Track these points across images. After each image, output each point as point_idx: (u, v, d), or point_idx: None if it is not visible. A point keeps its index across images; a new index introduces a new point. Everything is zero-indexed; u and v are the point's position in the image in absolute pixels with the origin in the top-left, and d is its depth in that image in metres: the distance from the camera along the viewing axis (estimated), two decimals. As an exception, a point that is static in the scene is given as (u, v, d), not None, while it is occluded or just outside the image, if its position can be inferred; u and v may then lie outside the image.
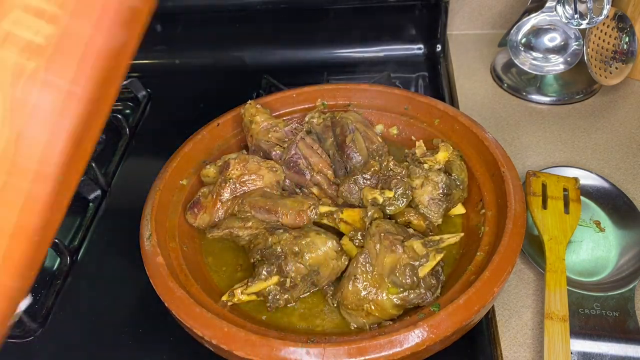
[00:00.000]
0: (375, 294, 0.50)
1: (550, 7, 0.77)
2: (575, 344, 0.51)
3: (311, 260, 0.53)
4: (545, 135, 0.75)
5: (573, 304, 0.54)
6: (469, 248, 0.56)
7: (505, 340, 0.54)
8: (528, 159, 0.72)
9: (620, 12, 0.77)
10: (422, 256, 0.51)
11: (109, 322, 0.59)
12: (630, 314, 0.53)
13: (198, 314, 0.48)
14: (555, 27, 0.79)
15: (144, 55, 0.61)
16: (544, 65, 0.80)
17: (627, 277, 0.57)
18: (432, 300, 0.51)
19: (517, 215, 0.53)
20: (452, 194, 0.59)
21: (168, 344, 0.56)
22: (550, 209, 0.61)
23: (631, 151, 0.72)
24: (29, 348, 0.58)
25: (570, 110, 0.80)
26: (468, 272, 0.52)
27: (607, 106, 0.80)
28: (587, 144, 0.74)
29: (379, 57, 0.92)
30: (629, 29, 0.78)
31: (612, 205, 0.64)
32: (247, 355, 0.45)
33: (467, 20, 0.95)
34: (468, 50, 0.93)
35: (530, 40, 0.80)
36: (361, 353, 0.44)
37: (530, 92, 0.82)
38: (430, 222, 0.58)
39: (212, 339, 0.46)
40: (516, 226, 0.53)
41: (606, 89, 0.82)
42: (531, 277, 0.59)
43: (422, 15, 0.90)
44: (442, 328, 0.45)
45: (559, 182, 0.64)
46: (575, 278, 0.58)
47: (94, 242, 0.67)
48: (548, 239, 0.59)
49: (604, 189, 0.66)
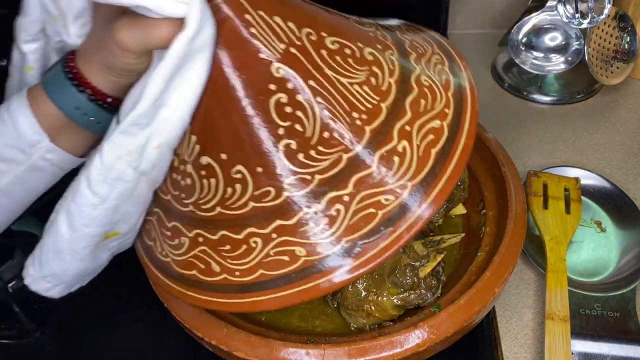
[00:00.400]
0: (375, 295, 0.50)
1: (551, 7, 0.77)
2: (576, 345, 0.51)
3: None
4: (546, 135, 0.75)
5: (574, 305, 0.54)
6: (470, 248, 0.56)
7: (506, 341, 0.54)
8: (529, 159, 0.72)
9: (621, 12, 0.77)
10: (423, 256, 0.51)
11: (109, 323, 0.59)
12: (631, 315, 0.53)
13: (198, 314, 0.48)
14: (556, 27, 0.79)
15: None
16: (544, 64, 0.80)
17: (628, 277, 0.57)
18: (433, 301, 0.51)
19: (517, 216, 0.53)
20: (453, 194, 0.59)
21: (168, 345, 0.56)
22: (551, 209, 0.61)
23: (632, 151, 0.72)
24: (28, 348, 0.57)
25: (571, 110, 0.79)
26: (469, 273, 0.52)
27: (608, 106, 0.80)
28: (588, 144, 0.73)
29: (380, 56, 0.92)
30: (630, 28, 0.78)
31: (613, 206, 0.64)
32: (247, 356, 0.45)
33: (467, 19, 0.95)
34: (469, 50, 0.92)
35: (531, 40, 0.80)
36: (361, 354, 0.44)
37: (531, 92, 0.82)
38: (430, 222, 0.58)
39: (211, 340, 0.46)
40: (517, 226, 0.52)
41: (607, 88, 0.81)
42: (532, 277, 0.59)
43: (422, 15, 0.89)
44: (442, 328, 0.45)
45: (560, 182, 0.64)
46: (576, 278, 0.58)
47: (93, 242, 0.67)
48: (549, 239, 0.58)
49: (605, 189, 0.66)
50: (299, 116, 0.39)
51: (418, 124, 0.42)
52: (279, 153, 0.39)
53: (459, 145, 0.42)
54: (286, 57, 0.39)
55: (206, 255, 0.43)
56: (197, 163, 0.41)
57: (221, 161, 0.40)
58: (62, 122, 0.43)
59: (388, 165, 0.40)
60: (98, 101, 0.42)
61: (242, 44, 0.39)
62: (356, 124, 0.40)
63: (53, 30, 0.45)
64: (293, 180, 0.40)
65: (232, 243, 0.42)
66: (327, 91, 0.40)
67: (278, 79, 0.39)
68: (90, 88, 0.42)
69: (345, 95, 0.40)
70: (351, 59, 0.42)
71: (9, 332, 0.58)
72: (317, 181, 0.40)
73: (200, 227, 0.43)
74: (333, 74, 0.41)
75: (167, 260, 0.46)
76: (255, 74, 0.39)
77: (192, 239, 0.44)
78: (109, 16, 0.40)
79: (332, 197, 0.40)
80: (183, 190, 0.43)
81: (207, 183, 0.41)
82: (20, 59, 0.47)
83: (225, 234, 0.42)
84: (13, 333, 0.58)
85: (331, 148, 0.40)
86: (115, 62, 0.39)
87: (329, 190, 0.40)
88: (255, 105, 0.39)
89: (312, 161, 0.40)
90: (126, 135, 0.38)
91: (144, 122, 0.38)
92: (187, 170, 0.42)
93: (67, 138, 0.44)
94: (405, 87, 0.43)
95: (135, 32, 0.37)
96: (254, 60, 0.39)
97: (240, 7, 0.38)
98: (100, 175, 0.40)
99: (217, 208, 0.41)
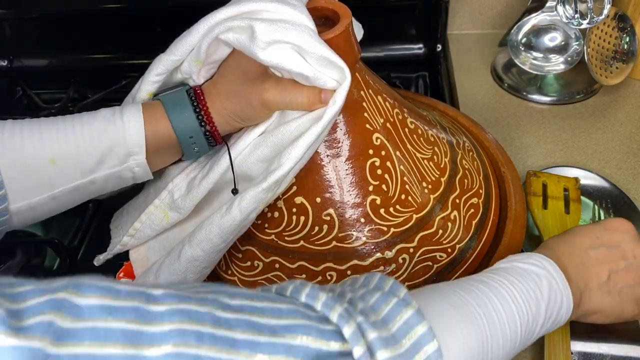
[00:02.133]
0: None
1: (551, 7, 0.77)
2: (576, 345, 0.51)
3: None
4: (546, 135, 0.75)
5: (573, 305, 0.54)
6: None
7: (505, 341, 0.54)
8: (528, 159, 0.72)
9: (620, 12, 0.77)
10: None
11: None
12: (630, 315, 0.53)
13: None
14: (555, 27, 0.79)
15: (143, 55, 0.61)
16: (544, 65, 0.80)
17: (627, 277, 0.57)
18: None
19: (517, 216, 0.53)
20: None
21: (168, 344, 0.56)
22: (551, 209, 0.61)
23: (632, 151, 0.72)
24: (28, 348, 0.57)
25: (570, 110, 0.79)
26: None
27: (608, 106, 0.80)
28: (588, 144, 0.74)
29: (379, 56, 0.92)
30: (630, 28, 0.78)
31: (613, 206, 0.64)
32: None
33: (467, 19, 0.95)
34: (468, 50, 0.93)
35: (531, 40, 0.80)
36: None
37: (531, 92, 0.82)
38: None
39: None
40: (516, 226, 0.53)
41: (607, 88, 0.81)
42: (531, 277, 0.59)
43: (423, 14, 0.90)
44: (442, 329, 0.45)
45: (560, 182, 0.64)
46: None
47: (93, 242, 0.67)
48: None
49: (604, 189, 0.66)
50: (386, 178, 0.47)
51: (464, 199, 0.51)
52: (366, 205, 0.47)
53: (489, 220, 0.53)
54: (383, 130, 0.48)
55: (279, 280, 0.47)
56: (291, 201, 0.47)
57: (314, 204, 0.47)
58: (169, 143, 0.46)
59: (444, 228, 0.49)
60: (210, 136, 0.46)
61: (357, 113, 0.47)
62: (424, 192, 0.49)
63: (188, 70, 0.48)
64: (373, 229, 0.47)
65: (309, 273, 0.47)
66: (407, 162, 0.49)
67: (376, 146, 0.47)
68: (211, 124, 0.46)
69: (419, 168, 0.49)
70: (422, 138, 0.51)
71: (9, 332, 0.58)
72: (391, 233, 0.47)
73: (278, 255, 0.48)
74: (412, 148, 0.49)
75: (233, 279, 0.50)
76: (360, 139, 0.47)
77: (267, 263, 0.48)
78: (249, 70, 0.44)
79: (401, 247, 0.47)
80: (267, 221, 0.48)
81: (295, 219, 0.47)
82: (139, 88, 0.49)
83: (303, 264, 0.47)
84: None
85: (406, 208, 0.48)
86: (252, 115, 0.45)
87: (400, 242, 0.47)
88: (356, 164, 0.47)
89: (390, 216, 0.47)
90: (267, 192, 0.43)
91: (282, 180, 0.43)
92: (277, 205, 0.48)
93: (159, 157, 0.47)
94: (455, 168, 0.52)
95: (282, 95, 0.43)
96: (362, 127, 0.47)
97: (359, 85, 0.48)
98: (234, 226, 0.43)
99: (300, 241, 0.47)
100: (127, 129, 0.44)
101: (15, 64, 0.94)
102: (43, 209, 0.45)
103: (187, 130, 0.45)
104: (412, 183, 0.48)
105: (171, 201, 0.49)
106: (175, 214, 0.49)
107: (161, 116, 0.45)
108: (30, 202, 0.44)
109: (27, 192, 0.43)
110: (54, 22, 0.91)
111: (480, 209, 0.52)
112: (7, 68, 0.94)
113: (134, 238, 0.52)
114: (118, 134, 0.44)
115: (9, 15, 0.89)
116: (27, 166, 0.42)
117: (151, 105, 0.46)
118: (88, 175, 0.44)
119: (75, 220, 0.69)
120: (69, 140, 0.43)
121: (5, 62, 0.94)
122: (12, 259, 0.64)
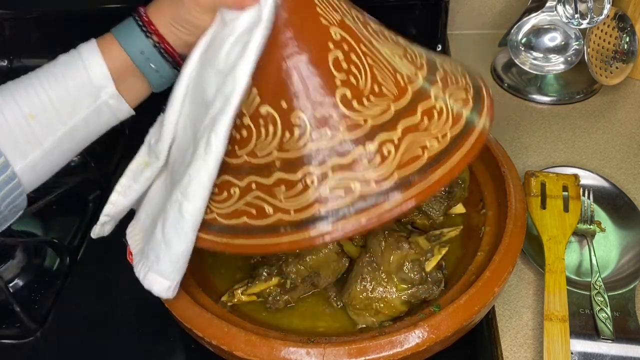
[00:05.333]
0: (383, 292, 0.50)
1: (551, 7, 0.77)
2: (576, 344, 0.51)
3: (312, 262, 0.53)
4: (546, 135, 0.75)
5: (573, 304, 0.54)
6: (470, 248, 0.56)
7: (505, 341, 0.54)
8: (528, 159, 0.72)
9: (620, 12, 0.77)
10: (428, 251, 0.52)
11: (109, 322, 0.59)
12: (630, 314, 0.53)
13: (198, 314, 0.48)
14: (555, 27, 0.79)
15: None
16: (544, 65, 0.80)
17: (627, 277, 0.57)
18: (438, 294, 0.51)
19: (517, 215, 0.53)
20: (454, 192, 0.59)
21: (168, 345, 0.56)
22: (549, 209, 0.61)
23: (632, 151, 0.72)
24: (28, 348, 0.58)
25: (570, 110, 0.79)
26: (468, 273, 0.52)
27: (608, 106, 0.80)
28: (588, 144, 0.74)
29: (379, 56, 0.92)
30: (630, 28, 0.78)
31: (613, 206, 0.64)
32: (247, 355, 0.45)
33: (467, 20, 0.95)
34: (468, 50, 0.93)
35: (531, 40, 0.80)
36: (361, 353, 0.44)
37: (531, 92, 0.82)
38: (431, 219, 0.59)
39: (212, 340, 0.46)
40: (517, 226, 0.53)
41: (607, 88, 0.82)
42: (532, 277, 0.59)
43: (422, 15, 0.90)
44: (442, 328, 0.45)
45: (559, 180, 0.64)
46: (575, 278, 0.58)
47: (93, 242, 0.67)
48: (547, 239, 0.58)
49: (604, 189, 0.66)
50: (353, 71, 0.45)
51: (448, 93, 0.48)
52: (336, 99, 0.44)
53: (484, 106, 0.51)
54: (342, 25, 0.46)
55: (259, 200, 0.45)
56: (257, 114, 0.45)
57: (281, 109, 0.44)
58: (126, 65, 0.47)
59: (430, 118, 0.46)
60: (161, 50, 0.47)
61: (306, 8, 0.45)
62: (400, 84, 0.46)
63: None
64: (349, 124, 0.44)
65: (288, 184, 0.44)
66: (375, 55, 0.46)
67: (336, 41, 0.45)
68: (157, 35, 0.46)
69: (389, 62, 0.47)
70: (391, 39, 0.49)
71: (9, 332, 0.58)
72: (370, 125, 0.44)
73: (253, 174, 0.46)
74: (378, 44, 0.47)
75: (211, 217, 0.48)
76: (316, 33, 0.45)
77: (243, 187, 0.46)
78: None
79: (384, 138, 0.44)
80: (237, 143, 0.46)
81: (264, 131, 0.45)
82: None
83: (280, 176, 0.44)
84: (13, 333, 0.58)
85: (381, 97, 0.45)
86: (184, 15, 0.45)
87: (380, 131, 0.44)
88: (316, 60, 0.44)
89: (364, 108, 0.44)
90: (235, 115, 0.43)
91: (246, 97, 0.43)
92: (244, 123, 0.46)
93: (127, 86, 0.48)
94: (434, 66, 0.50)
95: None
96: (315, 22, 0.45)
97: None
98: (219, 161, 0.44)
99: (274, 152, 0.45)
100: (88, 66, 0.46)
101: (15, 64, 0.94)
102: (42, 166, 0.47)
103: (135, 45, 0.46)
104: (385, 74, 0.46)
105: (149, 149, 0.51)
106: (154, 159, 0.50)
107: (113, 43, 0.47)
108: (26, 162, 0.46)
109: (19, 152, 0.45)
110: (54, 22, 0.91)
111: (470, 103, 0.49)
112: (7, 68, 0.94)
113: (121, 195, 0.53)
114: (81, 73, 0.46)
115: (9, 15, 0.89)
116: (10, 127, 0.45)
117: (104, 37, 0.48)
118: (68, 121, 0.46)
119: (75, 220, 0.70)
120: (40, 94, 0.45)
121: (5, 62, 0.94)
122: (12, 259, 0.64)
